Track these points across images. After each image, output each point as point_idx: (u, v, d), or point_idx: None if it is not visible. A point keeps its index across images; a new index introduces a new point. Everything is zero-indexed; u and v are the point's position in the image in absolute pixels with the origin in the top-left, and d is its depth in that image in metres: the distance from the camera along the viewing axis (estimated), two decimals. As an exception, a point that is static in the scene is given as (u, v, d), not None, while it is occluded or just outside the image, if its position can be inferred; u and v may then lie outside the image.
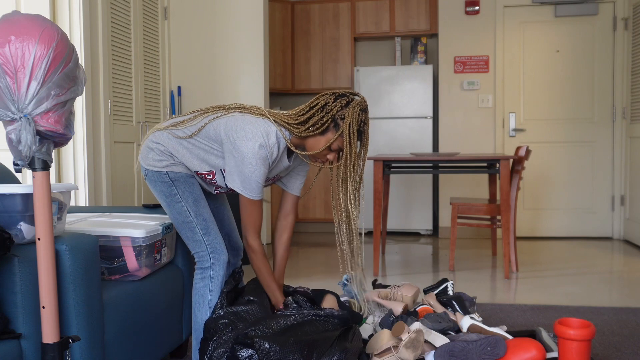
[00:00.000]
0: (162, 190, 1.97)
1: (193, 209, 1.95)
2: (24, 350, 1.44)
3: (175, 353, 2.28)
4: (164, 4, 4.16)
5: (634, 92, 4.89)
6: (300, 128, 1.88)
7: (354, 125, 1.86)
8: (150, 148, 1.97)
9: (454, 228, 3.87)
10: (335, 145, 1.89)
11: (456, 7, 5.30)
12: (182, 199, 1.95)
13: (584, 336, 1.88)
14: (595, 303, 3.08)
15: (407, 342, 1.90)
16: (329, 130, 1.88)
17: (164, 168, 1.95)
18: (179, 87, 4.26)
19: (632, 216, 4.92)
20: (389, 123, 5.44)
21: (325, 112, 1.87)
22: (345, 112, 1.86)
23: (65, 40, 1.42)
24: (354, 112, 1.86)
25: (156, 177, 1.96)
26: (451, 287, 2.61)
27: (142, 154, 2.00)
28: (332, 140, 1.87)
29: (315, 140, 1.90)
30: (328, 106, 1.87)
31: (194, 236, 1.96)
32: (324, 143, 1.88)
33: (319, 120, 1.87)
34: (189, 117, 1.99)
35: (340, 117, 1.87)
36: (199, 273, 1.99)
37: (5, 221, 1.48)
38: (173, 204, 1.96)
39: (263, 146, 1.83)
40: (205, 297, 1.97)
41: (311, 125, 1.87)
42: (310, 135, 1.89)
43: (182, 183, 1.96)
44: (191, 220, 1.95)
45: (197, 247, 1.97)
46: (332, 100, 1.88)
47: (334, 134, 1.87)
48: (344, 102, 1.88)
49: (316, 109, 1.88)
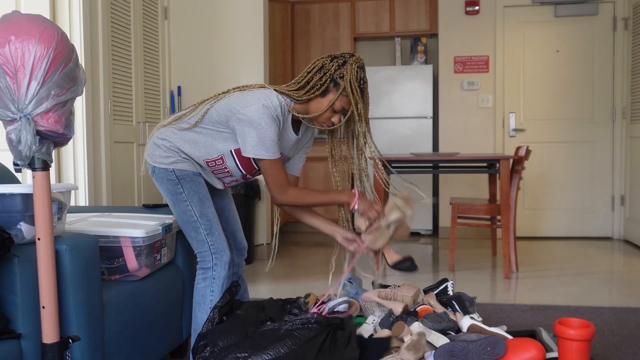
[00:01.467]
0: (168, 188, 1.97)
1: (198, 209, 1.95)
2: (24, 350, 1.44)
3: (175, 353, 2.28)
4: (164, 4, 4.16)
5: (634, 92, 4.89)
6: (300, 92, 1.89)
7: (354, 82, 1.86)
8: (157, 145, 1.98)
9: (454, 228, 3.87)
10: (338, 105, 1.89)
11: (456, 7, 5.30)
12: (187, 197, 1.95)
13: (584, 336, 1.88)
14: (595, 303, 3.08)
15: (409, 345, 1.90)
16: (330, 91, 1.88)
17: (170, 165, 1.95)
18: (179, 87, 4.26)
19: (632, 216, 4.92)
20: (389, 123, 5.44)
21: (324, 73, 1.87)
22: (344, 70, 1.87)
23: (65, 40, 1.42)
24: (352, 69, 1.86)
25: (163, 174, 1.97)
26: (451, 287, 2.61)
27: (148, 152, 2.01)
28: (333, 100, 1.87)
29: (317, 102, 1.90)
30: (325, 67, 1.88)
31: (198, 236, 1.96)
32: (326, 104, 1.88)
33: (317, 81, 1.87)
34: (190, 109, 2.00)
35: (339, 75, 1.87)
36: (201, 273, 1.99)
37: (5, 221, 1.48)
38: (178, 203, 1.96)
39: (266, 106, 1.83)
40: (206, 298, 1.97)
41: (310, 87, 1.88)
42: (311, 99, 1.90)
43: (188, 182, 1.96)
44: (195, 220, 1.95)
45: (200, 247, 1.97)
46: (329, 61, 1.88)
47: (335, 94, 1.87)
48: (340, 61, 1.88)
49: (314, 71, 1.89)
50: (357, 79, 1.87)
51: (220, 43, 4.23)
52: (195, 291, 2.00)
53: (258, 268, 4.05)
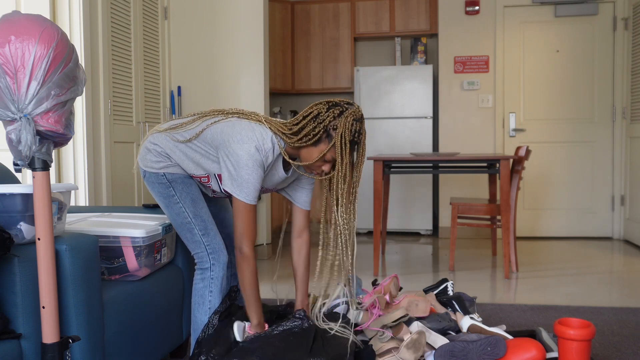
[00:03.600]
0: (159, 191, 1.97)
1: (191, 210, 1.95)
2: (24, 350, 1.44)
3: (175, 353, 2.28)
4: (164, 4, 4.16)
5: (634, 92, 4.89)
6: (293, 138, 1.85)
7: (346, 136, 1.80)
8: (148, 149, 1.98)
9: (454, 228, 3.86)
10: (329, 156, 1.83)
11: (456, 7, 5.30)
12: (179, 200, 1.95)
13: (584, 336, 1.88)
14: (595, 303, 3.08)
15: (408, 343, 1.90)
16: (322, 141, 1.83)
17: (161, 169, 1.96)
18: (179, 87, 4.25)
19: (632, 216, 4.92)
20: (389, 123, 5.44)
21: (318, 123, 1.82)
22: (338, 122, 1.81)
23: (65, 40, 1.41)
24: (346, 122, 1.80)
25: (154, 178, 1.97)
26: (451, 287, 2.61)
27: (140, 156, 2.01)
28: (325, 152, 1.82)
29: (308, 151, 1.85)
30: (320, 116, 1.82)
31: (193, 237, 1.96)
32: (317, 154, 1.84)
33: (311, 130, 1.82)
34: (187, 120, 1.97)
35: (332, 127, 1.81)
36: (199, 274, 1.99)
37: (5, 221, 1.48)
38: (171, 205, 1.96)
39: (259, 149, 1.80)
40: (205, 298, 1.97)
41: (304, 135, 1.83)
42: (303, 146, 1.85)
43: (180, 184, 1.96)
44: (189, 221, 1.95)
45: (197, 248, 1.97)
46: (325, 109, 1.83)
47: (326, 145, 1.82)
48: (337, 112, 1.82)
49: (309, 119, 1.84)
50: (351, 132, 1.80)
51: (220, 43, 4.23)
52: (193, 292, 2.00)
53: (258, 268, 4.05)
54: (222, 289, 1.98)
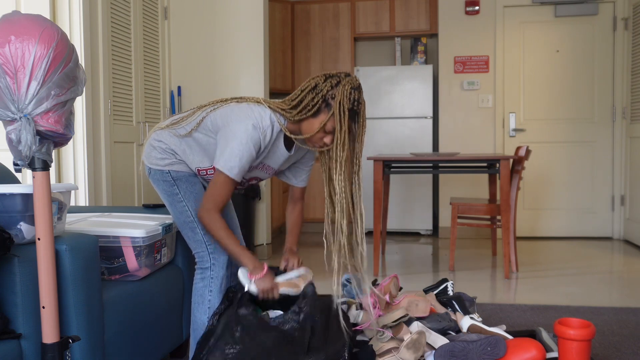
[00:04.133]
0: (164, 189, 1.97)
1: (194, 209, 1.96)
2: (24, 350, 1.44)
3: (175, 353, 2.28)
4: (164, 4, 4.16)
5: (634, 92, 4.89)
6: (293, 112, 1.86)
7: (344, 104, 1.81)
8: (153, 147, 1.98)
9: (454, 228, 3.86)
10: (330, 127, 1.84)
11: (456, 7, 5.30)
12: (183, 198, 1.96)
13: (584, 336, 1.88)
14: (595, 303, 3.08)
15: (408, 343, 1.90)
16: (321, 112, 1.84)
17: (166, 167, 1.96)
18: (179, 87, 4.25)
19: (632, 216, 4.92)
20: (389, 123, 5.44)
21: (316, 93, 1.84)
22: (336, 91, 1.82)
23: (65, 40, 1.42)
24: (344, 91, 1.81)
25: (159, 175, 1.97)
26: (451, 287, 2.61)
27: (145, 153, 2.02)
28: (325, 122, 1.83)
29: (309, 123, 1.86)
30: (318, 87, 1.84)
31: (195, 236, 1.97)
32: (317, 125, 1.84)
33: (309, 102, 1.84)
34: (187, 114, 2.00)
35: (331, 96, 1.82)
36: (199, 273, 2.00)
37: (5, 221, 1.48)
38: (175, 203, 1.96)
39: (256, 127, 1.81)
40: (205, 298, 1.97)
41: (303, 107, 1.85)
42: (303, 119, 1.86)
43: (184, 182, 1.97)
44: (192, 220, 1.96)
45: (198, 247, 1.98)
46: (323, 80, 1.85)
47: (326, 115, 1.83)
48: (334, 81, 1.84)
49: (307, 91, 1.86)
50: (350, 101, 1.81)
51: (220, 43, 4.23)
52: (193, 291, 2.01)
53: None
54: (221, 289, 1.98)
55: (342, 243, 1.90)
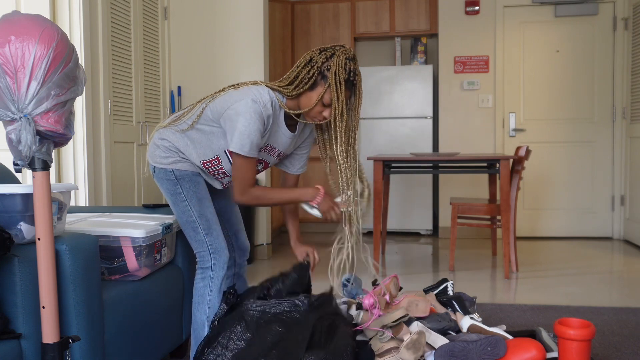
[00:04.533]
0: (167, 188, 1.98)
1: (197, 209, 1.96)
2: (24, 350, 1.44)
3: (175, 353, 2.28)
4: (164, 4, 4.16)
5: (634, 92, 4.89)
6: (290, 87, 1.88)
7: (340, 75, 1.82)
8: (157, 145, 1.99)
9: (454, 228, 3.86)
10: (327, 99, 1.85)
11: (456, 7, 5.30)
12: (186, 198, 1.96)
13: (584, 336, 1.88)
14: (595, 303, 3.08)
15: (408, 343, 1.90)
16: (318, 84, 1.85)
17: (170, 165, 1.97)
18: (179, 87, 4.26)
19: (632, 216, 4.92)
20: (389, 123, 5.44)
21: (311, 66, 1.85)
22: (331, 62, 1.84)
23: (65, 40, 1.42)
24: (339, 61, 1.83)
25: (163, 174, 1.98)
26: (451, 287, 2.61)
27: (149, 152, 2.03)
28: (322, 93, 1.84)
29: (307, 97, 1.88)
30: (313, 60, 1.86)
31: (197, 236, 1.97)
32: (315, 97, 1.86)
33: (305, 75, 1.86)
34: (187, 109, 2.02)
35: (326, 68, 1.84)
36: (200, 273, 2.00)
37: (5, 221, 1.48)
38: (177, 203, 1.97)
39: (256, 101, 1.83)
40: (205, 297, 1.97)
41: (299, 82, 1.87)
42: (301, 93, 1.88)
43: (188, 182, 1.97)
44: (194, 220, 1.96)
45: (199, 247, 1.98)
46: (317, 53, 1.87)
47: (323, 87, 1.85)
48: (328, 53, 1.86)
49: (302, 65, 1.88)
50: (346, 71, 1.83)
51: (220, 43, 4.23)
52: (194, 291, 2.01)
53: (258, 268, 4.05)
54: (221, 289, 1.99)
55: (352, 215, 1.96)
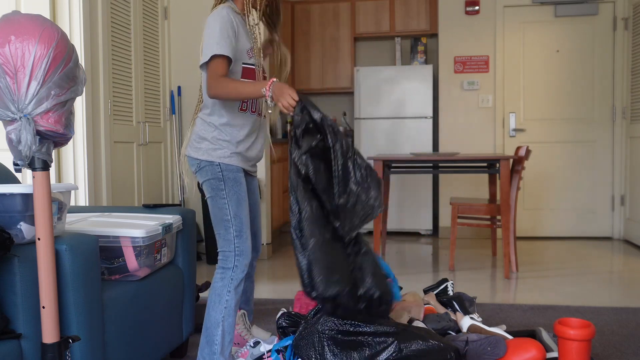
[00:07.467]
0: (211, 183, 2.00)
1: (234, 209, 1.98)
2: (24, 350, 1.44)
3: (175, 353, 2.28)
4: (164, 4, 4.16)
5: (634, 92, 4.89)
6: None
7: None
8: (202, 137, 2.02)
9: (454, 228, 3.87)
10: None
11: (456, 7, 5.30)
12: (226, 196, 1.98)
13: (584, 336, 1.88)
14: (595, 303, 3.08)
15: None
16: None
17: (217, 158, 1.99)
18: (179, 87, 4.25)
19: (632, 216, 4.92)
20: (389, 123, 5.44)
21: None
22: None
23: (65, 40, 1.42)
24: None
25: (209, 169, 2.00)
26: (451, 287, 2.61)
27: (191, 147, 2.04)
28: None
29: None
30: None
31: (227, 235, 1.98)
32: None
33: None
34: (198, 101, 2.10)
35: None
36: (220, 272, 1.99)
37: (5, 221, 1.48)
38: (217, 199, 1.99)
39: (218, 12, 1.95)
40: (222, 297, 1.96)
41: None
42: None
43: (231, 181, 2.00)
44: (228, 220, 1.98)
45: (226, 247, 1.99)
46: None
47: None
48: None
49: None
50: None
51: (220, 43, 4.23)
52: (211, 290, 2.00)
53: (258, 268, 4.05)
54: (238, 291, 1.99)
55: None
